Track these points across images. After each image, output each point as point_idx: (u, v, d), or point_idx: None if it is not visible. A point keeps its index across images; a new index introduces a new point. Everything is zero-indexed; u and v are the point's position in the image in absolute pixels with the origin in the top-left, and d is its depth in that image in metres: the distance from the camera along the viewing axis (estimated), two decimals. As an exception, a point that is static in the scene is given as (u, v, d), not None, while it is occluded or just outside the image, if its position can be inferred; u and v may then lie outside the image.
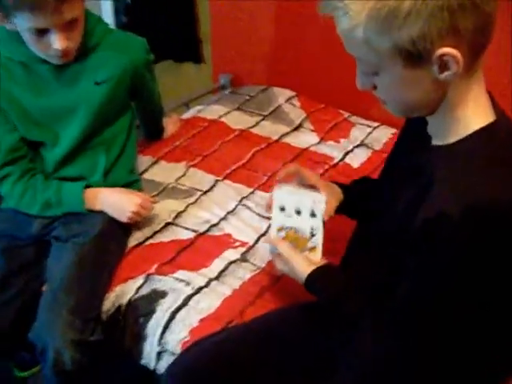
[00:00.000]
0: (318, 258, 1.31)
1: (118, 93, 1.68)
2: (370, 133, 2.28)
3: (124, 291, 1.58)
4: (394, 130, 2.24)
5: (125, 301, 1.56)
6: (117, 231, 1.69)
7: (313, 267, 1.24)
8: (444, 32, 0.88)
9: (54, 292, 1.52)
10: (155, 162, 2.07)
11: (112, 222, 1.68)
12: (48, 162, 1.70)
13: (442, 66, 0.91)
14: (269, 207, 1.38)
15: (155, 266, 1.64)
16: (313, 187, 1.40)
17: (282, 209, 1.34)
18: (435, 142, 1.05)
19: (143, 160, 2.05)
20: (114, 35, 1.68)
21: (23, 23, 1.43)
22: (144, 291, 1.57)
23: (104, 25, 1.67)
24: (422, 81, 0.95)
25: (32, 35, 1.46)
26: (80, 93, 1.63)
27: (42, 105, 1.62)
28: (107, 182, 1.72)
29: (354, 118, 2.38)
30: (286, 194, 1.35)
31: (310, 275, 1.23)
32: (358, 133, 2.27)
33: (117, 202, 1.69)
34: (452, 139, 1.00)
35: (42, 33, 1.45)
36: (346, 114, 2.39)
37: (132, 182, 1.82)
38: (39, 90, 1.61)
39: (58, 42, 1.46)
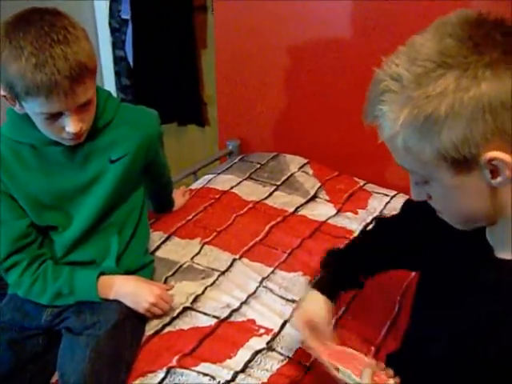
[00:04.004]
0: None
1: (134, 169, 1.61)
2: (387, 202, 2.19)
3: (144, 387, 1.46)
4: (411, 199, 2.16)
5: (145, 398, 1.44)
6: (133, 321, 1.58)
7: None
8: (489, 134, 0.80)
9: (69, 392, 1.41)
10: (167, 239, 1.97)
11: (128, 311, 1.57)
12: (58, 245, 1.60)
13: (493, 170, 0.83)
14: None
15: (176, 357, 1.52)
16: None
17: None
18: (500, 254, 0.96)
19: (154, 236, 1.94)
20: (125, 110, 1.61)
21: (35, 108, 1.35)
22: (166, 387, 1.46)
23: (115, 100, 1.60)
24: (474, 187, 0.87)
25: (44, 119, 1.38)
26: (94, 172, 1.55)
27: (53, 188, 1.54)
28: (121, 266, 1.62)
29: (369, 186, 2.29)
30: None
31: None
32: (375, 203, 2.19)
33: (134, 292, 1.59)
34: None
35: (54, 116, 1.37)
36: (362, 182, 2.31)
37: (146, 264, 1.73)
38: (50, 172, 1.52)
39: (71, 125, 1.38)
